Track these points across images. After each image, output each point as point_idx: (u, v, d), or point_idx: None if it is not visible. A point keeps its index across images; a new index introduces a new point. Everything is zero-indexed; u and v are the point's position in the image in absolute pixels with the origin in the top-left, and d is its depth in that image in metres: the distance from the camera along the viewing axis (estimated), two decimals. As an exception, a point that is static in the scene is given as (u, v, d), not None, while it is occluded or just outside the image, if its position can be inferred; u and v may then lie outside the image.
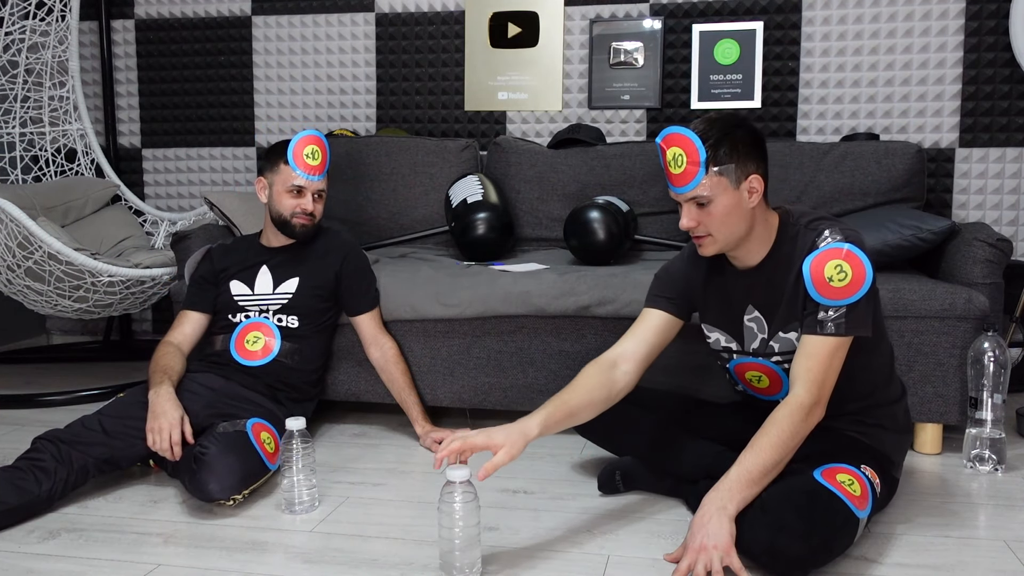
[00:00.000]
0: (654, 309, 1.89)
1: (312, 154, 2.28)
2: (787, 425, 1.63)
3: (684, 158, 1.66)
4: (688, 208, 1.71)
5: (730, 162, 1.66)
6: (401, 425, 2.55)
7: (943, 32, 3.07)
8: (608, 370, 1.82)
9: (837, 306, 1.65)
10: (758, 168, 1.70)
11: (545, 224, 3.10)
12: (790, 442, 1.63)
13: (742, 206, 1.69)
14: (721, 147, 1.65)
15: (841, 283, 1.64)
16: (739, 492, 1.58)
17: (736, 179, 1.67)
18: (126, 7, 3.71)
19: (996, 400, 2.12)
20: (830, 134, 3.18)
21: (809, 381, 1.66)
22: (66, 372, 3.30)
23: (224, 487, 1.88)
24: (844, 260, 1.64)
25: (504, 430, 1.64)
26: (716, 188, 1.66)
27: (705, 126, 1.68)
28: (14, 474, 1.87)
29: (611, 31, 3.30)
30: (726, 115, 1.71)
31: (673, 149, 1.68)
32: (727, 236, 1.71)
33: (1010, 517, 1.88)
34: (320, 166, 2.30)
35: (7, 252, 2.66)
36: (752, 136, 1.70)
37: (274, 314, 2.31)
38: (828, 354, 1.66)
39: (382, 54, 3.51)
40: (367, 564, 1.67)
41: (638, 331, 1.88)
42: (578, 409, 1.76)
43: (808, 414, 1.64)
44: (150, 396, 2.03)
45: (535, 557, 1.69)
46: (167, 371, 2.11)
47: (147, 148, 3.77)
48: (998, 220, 3.11)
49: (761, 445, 1.62)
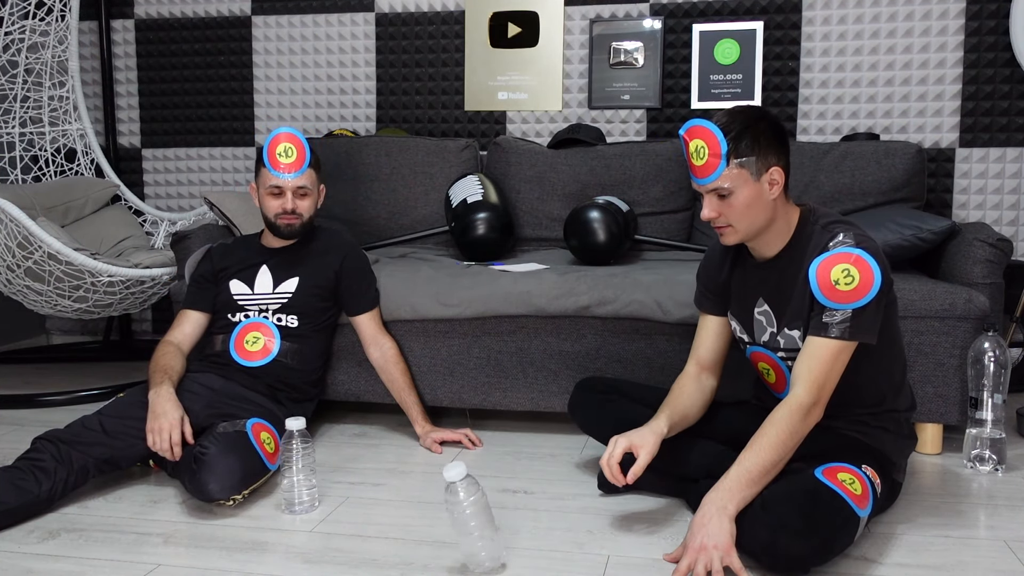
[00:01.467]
0: (704, 313, 1.97)
1: (285, 152, 2.23)
2: (786, 425, 1.63)
3: (706, 150, 1.68)
4: (709, 199, 1.73)
5: (751, 155, 1.67)
6: (401, 425, 2.55)
7: (943, 32, 3.07)
8: (695, 381, 1.93)
9: (843, 309, 1.65)
10: (779, 160, 1.71)
11: (545, 224, 3.10)
12: (789, 442, 1.63)
13: (763, 198, 1.70)
14: (743, 140, 1.67)
15: (848, 287, 1.64)
16: (739, 492, 1.58)
17: (757, 171, 1.68)
18: (126, 7, 3.71)
19: (996, 400, 2.12)
20: (830, 134, 3.18)
21: (810, 382, 1.66)
22: (66, 372, 3.30)
23: (224, 487, 1.88)
24: (853, 265, 1.64)
25: (638, 433, 1.76)
26: (737, 180, 1.68)
27: (728, 118, 1.69)
28: (14, 474, 1.87)
29: (611, 31, 3.30)
30: (749, 108, 1.72)
31: (696, 141, 1.70)
32: (748, 227, 1.73)
33: (1010, 517, 1.88)
34: (296, 163, 2.24)
35: (7, 252, 2.66)
36: (774, 129, 1.71)
37: (274, 313, 2.30)
38: (831, 357, 1.66)
39: (382, 54, 3.51)
40: (367, 564, 1.67)
41: (700, 339, 1.97)
42: (688, 411, 1.89)
43: (807, 414, 1.65)
44: (150, 396, 2.02)
45: (535, 557, 1.69)
46: (167, 371, 2.11)
47: (147, 148, 3.77)
48: (998, 220, 3.11)
49: (760, 445, 1.62)
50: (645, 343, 2.37)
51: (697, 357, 1.95)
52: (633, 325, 2.37)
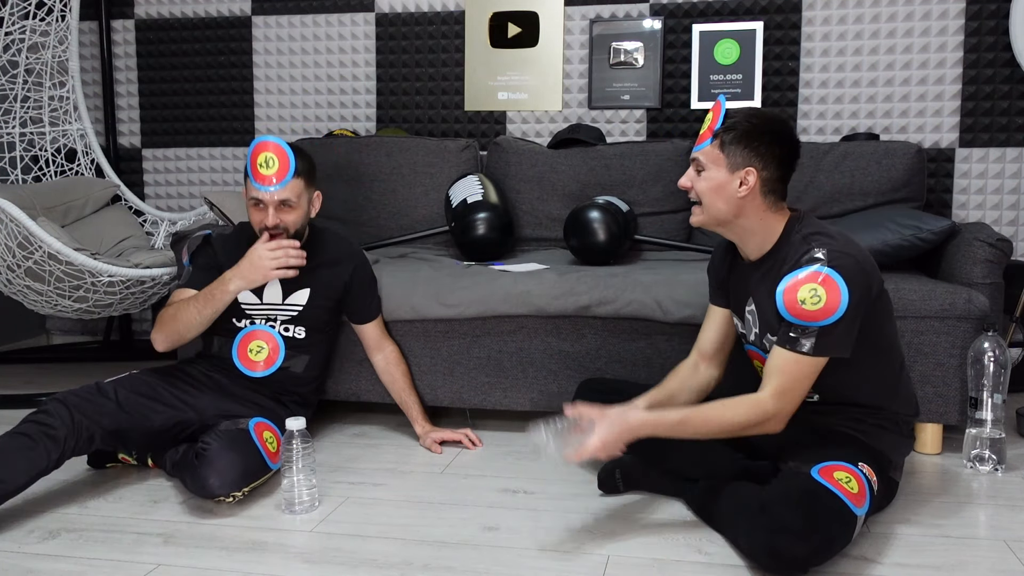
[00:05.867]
0: (712, 305, 2.00)
1: (267, 162, 2.07)
2: (741, 419, 1.66)
3: (708, 122, 1.77)
4: (691, 169, 1.79)
5: (735, 146, 1.71)
6: (401, 425, 2.55)
7: (943, 32, 3.06)
8: (692, 367, 1.98)
9: (809, 327, 1.65)
10: (763, 168, 1.72)
11: (545, 224, 3.10)
12: (731, 431, 1.67)
13: (728, 190, 1.73)
14: (735, 130, 1.71)
15: (814, 307, 1.62)
16: (655, 430, 1.66)
17: (732, 164, 1.72)
18: (126, 7, 3.71)
19: (996, 400, 2.12)
20: (830, 134, 3.18)
21: (776, 393, 1.67)
22: (66, 372, 3.30)
23: (224, 483, 1.88)
24: (820, 285, 1.62)
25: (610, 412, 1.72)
26: (712, 160, 1.74)
27: (741, 110, 1.75)
28: (23, 444, 1.83)
29: (611, 31, 3.30)
30: (774, 115, 1.77)
31: (711, 112, 1.78)
32: (711, 212, 1.77)
33: (1010, 517, 1.88)
34: (277, 174, 2.07)
35: (7, 252, 2.66)
36: (779, 141, 1.73)
37: (281, 323, 2.24)
38: (797, 371, 1.67)
39: (382, 54, 3.51)
40: (367, 564, 1.67)
41: (703, 328, 2.01)
42: (676, 392, 1.93)
43: (766, 421, 1.67)
44: (229, 274, 2.12)
45: (535, 557, 1.69)
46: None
47: (147, 148, 3.77)
48: (998, 220, 3.10)
49: (706, 416, 1.68)
50: (645, 343, 2.37)
51: (698, 346, 1.99)
52: (633, 325, 2.37)
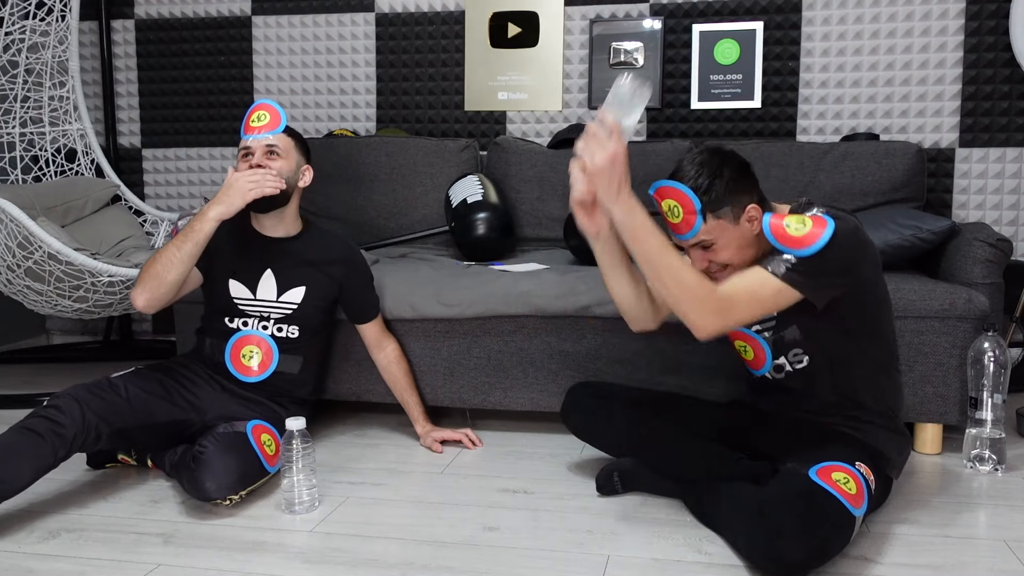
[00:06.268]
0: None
1: (259, 117, 2.16)
2: (690, 282, 1.59)
3: (680, 209, 1.69)
4: (695, 252, 1.74)
5: (725, 204, 1.68)
6: (401, 425, 2.55)
7: (943, 32, 3.06)
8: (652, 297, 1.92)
9: (788, 254, 1.64)
10: (752, 197, 1.72)
11: (545, 224, 3.10)
12: (676, 285, 1.59)
13: (747, 237, 1.72)
14: (713, 191, 1.67)
15: (796, 232, 1.64)
16: (634, 222, 1.57)
17: (735, 216, 1.70)
18: (126, 7, 3.71)
19: (996, 400, 2.12)
20: (830, 134, 3.18)
21: (729, 294, 1.63)
22: (66, 372, 3.30)
23: (221, 486, 1.87)
24: (809, 218, 1.66)
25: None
26: (716, 231, 1.70)
27: (694, 173, 1.68)
28: (33, 441, 1.81)
29: (611, 31, 3.30)
30: (710, 155, 1.71)
31: (667, 201, 1.71)
32: (742, 261, 1.73)
33: (1010, 517, 1.88)
34: (268, 124, 2.15)
35: (7, 252, 2.66)
36: (739, 169, 1.71)
37: (275, 323, 2.21)
38: (759, 288, 1.64)
39: (382, 54, 3.51)
40: (367, 564, 1.67)
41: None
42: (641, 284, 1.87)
43: (701, 307, 1.60)
44: (207, 206, 2.03)
45: (535, 557, 1.69)
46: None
47: (147, 148, 3.77)
48: (998, 220, 3.11)
49: (672, 258, 1.59)
50: (645, 343, 2.37)
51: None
52: (633, 325, 2.37)
